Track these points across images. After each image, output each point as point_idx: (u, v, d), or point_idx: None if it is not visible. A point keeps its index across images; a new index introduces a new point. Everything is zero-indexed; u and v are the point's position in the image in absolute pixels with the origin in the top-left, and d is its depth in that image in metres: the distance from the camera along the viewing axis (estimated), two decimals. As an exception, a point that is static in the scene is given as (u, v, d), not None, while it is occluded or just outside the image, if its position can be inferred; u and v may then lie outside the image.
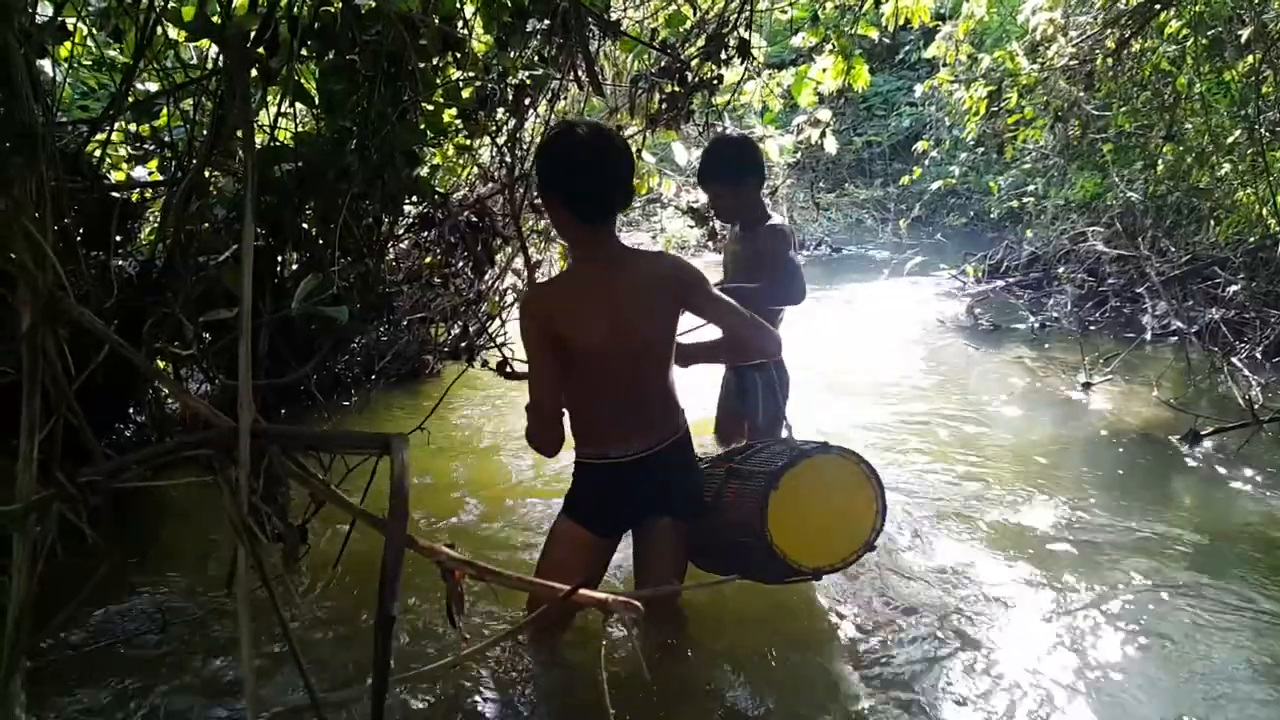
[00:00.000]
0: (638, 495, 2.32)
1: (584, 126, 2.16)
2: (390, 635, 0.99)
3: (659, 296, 2.18)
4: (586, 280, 2.17)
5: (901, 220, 12.32)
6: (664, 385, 2.29)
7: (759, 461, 2.43)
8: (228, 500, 1.08)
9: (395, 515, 1.04)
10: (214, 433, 1.14)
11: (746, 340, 2.31)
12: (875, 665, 2.51)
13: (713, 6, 5.11)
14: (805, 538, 2.28)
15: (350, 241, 3.85)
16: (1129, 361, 5.86)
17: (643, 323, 2.16)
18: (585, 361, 2.14)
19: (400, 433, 1.15)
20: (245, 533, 1.06)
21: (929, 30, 7.61)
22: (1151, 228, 7.50)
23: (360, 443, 1.36)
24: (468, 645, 1.15)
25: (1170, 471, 4.07)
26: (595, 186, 2.08)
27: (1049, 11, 7.16)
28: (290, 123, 3.91)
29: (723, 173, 3.20)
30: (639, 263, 2.20)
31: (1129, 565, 3.08)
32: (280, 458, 1.15)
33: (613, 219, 2.15)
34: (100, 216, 3.34)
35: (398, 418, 4.76)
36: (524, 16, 3.87)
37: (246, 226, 1.16)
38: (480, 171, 5.33)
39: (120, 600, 2.76)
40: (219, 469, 1.12)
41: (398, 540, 1.02)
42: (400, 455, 1.09)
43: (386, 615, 0.98)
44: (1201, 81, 6.76)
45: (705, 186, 3.32)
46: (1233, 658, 2.52)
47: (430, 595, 2.69)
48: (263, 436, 1.13)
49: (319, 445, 1.43)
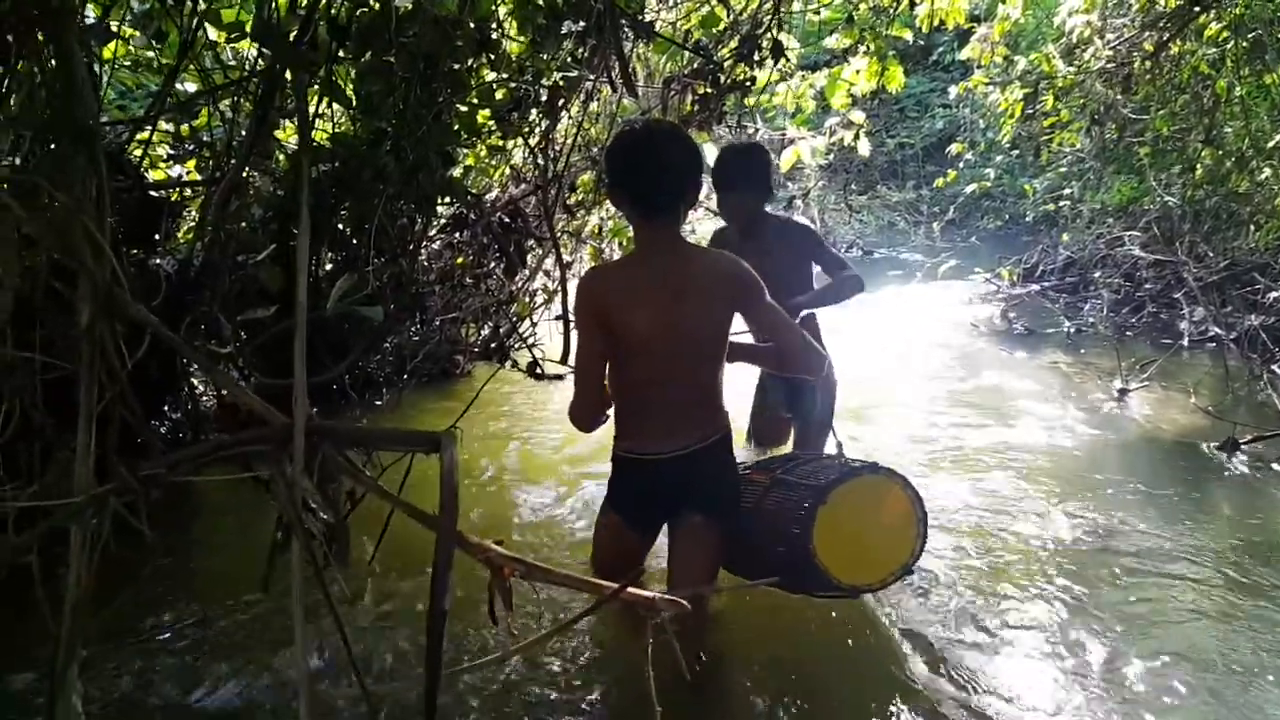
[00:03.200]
0: (673, 493, 2.34)
1: (651, 126, 2.31)
2: (443, 630, 1.00)
3: (715, 295, 2.20)
4: (644, 270, 2.20)
5: (935, 223, 12.25)
6: (711, 384, 2.31)
7: (805, 474, 2.42)
8: (282, 496, 1.09)
9: (446, 512, 1.05)
10: (269, 429, 1.16)
11: (794, 356, 2.33)
12: (905, 674, 2.49)
13: (746, 8, 5.11)
14: (846, 555, 2.27)
15: (385, 242, 3.88)
16: (1166, 368, 5.77)
17: (694, 319, 2.18)
18: (632, 350, 2.19)
19: (450, 430, 1.16)
20: (299, 528, 1.07)
21: (964, 31, 7.55)
22: (1189, 232, 7.40)
23: (409, 440, 1.37)
24: (516, 641, 1.16)
25: (1208, 480, 4.00)
26: (652, 184, 2.15)
27: (1086, 14, 7.10)
28: (327, 123, 3.94)
29: (744, 181, 3.21)
30: (699, 260, 2.23)
31: (1165, 577, 3.03)
32: (333, 454, 1.16)
33: (674, 215, 2.19)
34: (140, 215, 3.39)
35: (429, 417, 4.79)
36: (559, 18, 3.89)
37: (303, 220, 1.18)
38: (513, 172, 5.37)
39: (163, 593, 2.80)
40: (273, 465, 1.13)
41: (449, 537, 1.03)
42: (449, 453, 1.10)
43: (440, 610, 0.99)
44: (1241, 85, 6.65)
45: (730, 193, 3.25)
46: (1270, 672, 2.48)
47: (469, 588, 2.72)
48: (317, 433, 1.14)
49: (370, 443, 1.44)
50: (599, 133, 5.41)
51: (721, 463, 2.38)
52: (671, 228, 2.20)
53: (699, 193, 2.25)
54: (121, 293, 1.21)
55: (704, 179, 2.31)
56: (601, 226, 6.25)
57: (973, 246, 11.40)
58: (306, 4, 3.21)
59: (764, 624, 2.67)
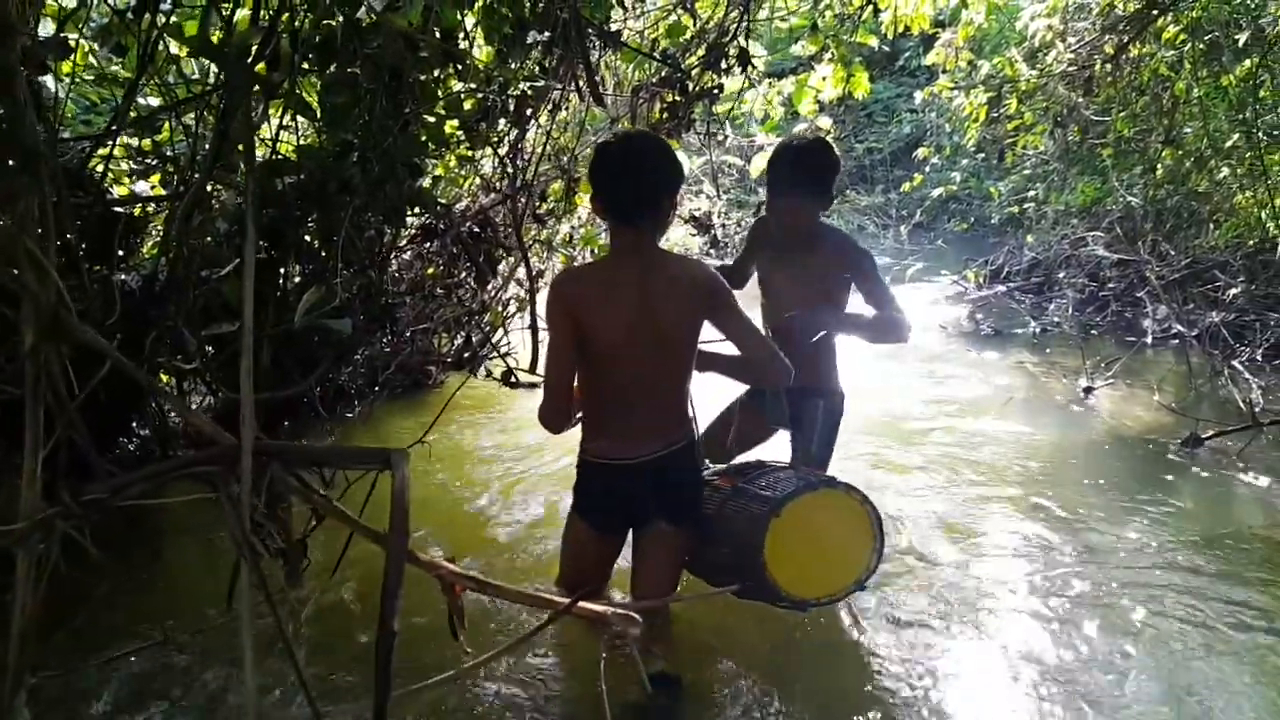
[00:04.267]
0: (639, 499, 2.37)
1: (631, 136, 2.36)
2: (392, 650, 1.00)
3: (686, 301, 2.25)
4: (617, 274, 2.24)
5: (903, 226, 12.35)
6: (679, 391, 2.35)
7: (765, 484, 2.43)
8: (230, 517, 1.09)
9: (396, 530, 1.05)
10: (216, 450, 1.15)
11: (760, 365, 2.34)
12: (874, 673, 2.50)
13: (712, 16, 5.14)
14: (798, 568, 2.28)
15: (353, 253, 3.87)
16: (1130, 365, 5.85)
17: (664, 324, 2.22)
18: (601, 353, 2.22)
19: (401, 447, 1.16)
20: (248, 549, 1.07)
21: (929, 37, 7.63)
22: (1151, 232, 7.51)
23: (361, 458, 1.37)
24: (469, 659, 1.16)
25: (1171, 475, 4.06)
26: (626, 192, 2.21)
27: (1048, 18, 7.19)
28: (292, 136, 3.92)
29: (809, 182, 2.77)
30: (671, 267, 2.27)
31: (1129, 569, 3.08)
32: (282, 474, 1.16)
33: (649, 222, 2.23)
34: (103, 231, 3.35)
35: (401, 429, 4.77)
36: (525, 28, 3.89)
37: (248, 243, 1.17)
38: (482, 182, 5.36)
39: (122, 615, 2.76)
40: (221, 486, 1.13)
41: (399, 555, 1.03)
42: (401, 470, 1.10)
43: (389, 631, 0.98)
44: (1199, 86, 6.78)
45: (785, 199, 2.80)
46: (1233, 663, 2.52)
47: (435, 606, 2.70)
48: (265, 453, 1.14)
49: (321, 461, 1.43)
50: (568, 141, 5.42)
51: (687, 469, 2.42)
52: (646, 235, 2.24)
53: (672, 198, 2.27)
54: (67, 315, 1.21)
55: (678, 186, 2.33)
56: (573, 235, 6.25)
57: (940, 249, 11.48)
58: (268, 17, 3.20)
59: (733, 623, 2.67)
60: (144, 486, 1.18)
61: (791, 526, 2.26)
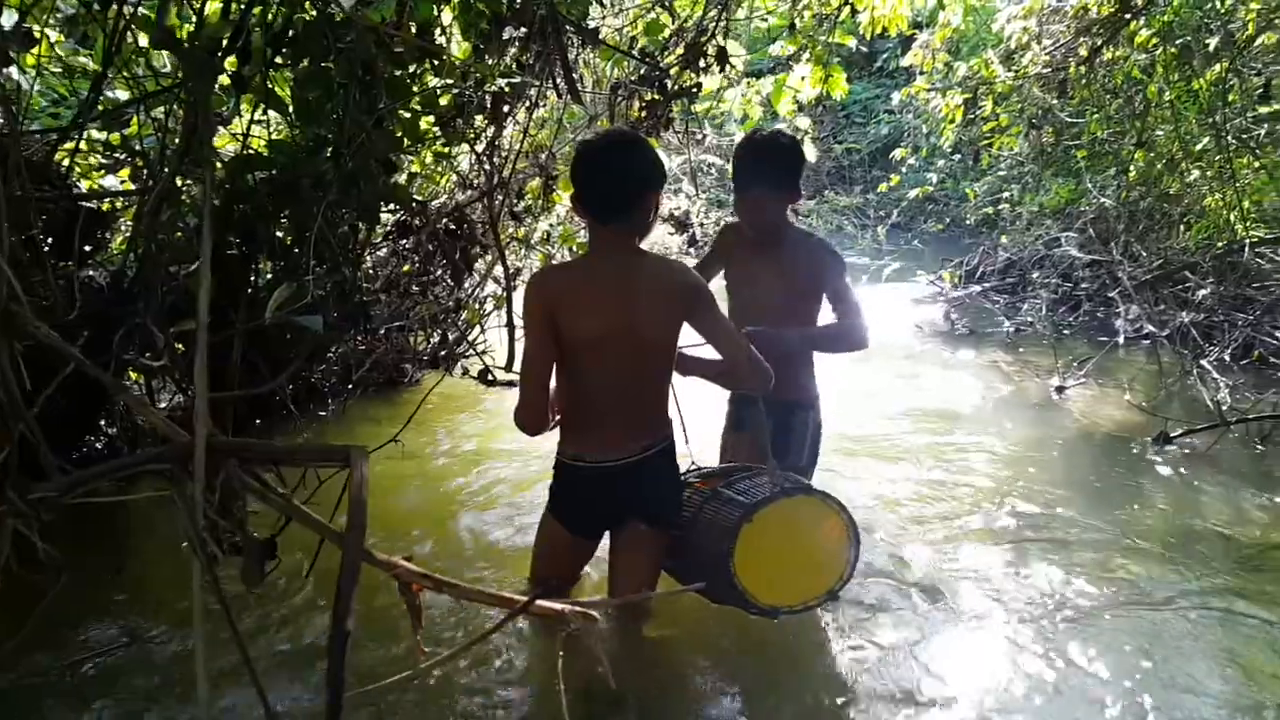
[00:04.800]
0: (614, 501, 2.36)
1: (610, 134, 2.36)
2: (345, 650, 0.98)
3: (663, 302, 2.22)
4: (595, 273, 2.22)
5: (880, 227, 12.42)
6: (657, 392, 2.33)
7: (741, 489, 2.39)
8: (183, 515, 1.07)
9: (352, 528, 1.04)
10: (170, 447, 1.14)
11: (738, 369, 2.32)
12: (846, 673, 2.51)
13: (691, 15, 5.14)
14: (769, 575, 2.26)
15: (326, 250, 3.83)
16: (1102, 365, 5.91)
17: (642, 325, 2.20)
18: (577, 352, 2.20)
19: (361, 445, 1.15)
20: (200, 547, 1.05)
21: (907, 39, 7.68)
22: (1124, 233, 7.59)
23: (321, 456, 1.35)
24: (425, 658, 1.14)
25: (1141, 473, 4.11)
26: (602, 190, 2.20)
27: (1023, 20, 7.25)
28: (264, 130, 3.87)
29: (776, 177, 2.70)
30: (650, 267, 2.25)
31: (1100, 566, 3.11)
32: (237, 472, 1.14)
33: (627, 222, 2.21)
34: (69, 226, 3.31)
35: (376, 428, 4.73)
36: (501, 24, 3.87)
37: (204, 239, 1.16)
38: (460, 179, 5.33)
39: (89, 615, 2.73)
40: (175, 483, 1.11)
41: (354, 554, 1.02)
42: (359, 468, 1.09)
43: (342, 630, 0.97)
44: (1171, 89, 6.86)
45: (750, 192, 2.71)
46: (1198, 658, 2.55)
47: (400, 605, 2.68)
48: (220, 451, 1.12)
49: (278, 459, 1.41)
50: (545, 139, 5.40)
51: (665, 471, 2.39)
52: (625, 234, 2.22)
53: (649, 198, 2.23)
54: (21, 310, 1.19)
55: (657, 187, 2.27)
56: (550, 234, 6.24)
57: (917, 249, 11.57)
58: (239, 10, 3.17)
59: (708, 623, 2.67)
60: (96, 484, 1.16)
61: (764, 533, 2.23)
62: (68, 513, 1.48)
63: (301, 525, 1.24)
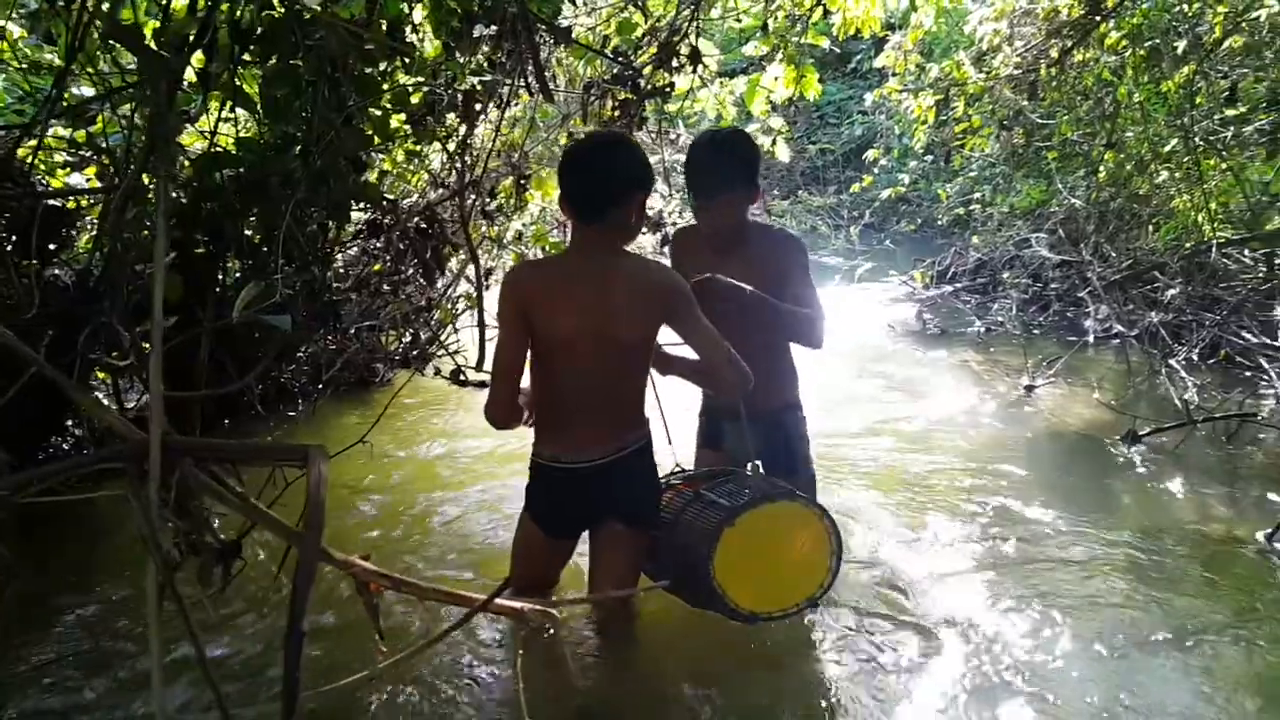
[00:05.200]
0: (592, 502, 2.34)
1: (596, 135, 2.37)
2: (300, 651, 0.97)
3: (642, 303, 2.20)
4: (572, 271, 2.21)
5: (853, 227, 12.49)
6: (633, 392, 2.30)
7: (724, 493, 2.34)
8: (137, 514, 1.05)
9: (309, 527, 1.02)
10: (124, 446, 1.12)
11: (717, 370, 2.28)
12: (819, 671, 2.52)
13: (664, 15, 5.14)
14: (750, 580, 2.22)
15: (295, 248, 3.79)
16: (1071, 364, 5.97)
17: (617, 326, 2.18)
18: (552, 350, 2.19)
19: (320, 444, 1.13)
20: (155, 547, 1.03)
21: (880, 40, 7.71)
22: (1094, 234, 7.68)
23: (278, 455, 1.34)
24: (384, 658, 1.13)
25: (1109, 471, 4.15)
26: (580, 189, 2.19)
27: (994, 22, 7.31)
28: (232, 128, 3.83)
29: (745, 175, 2.54)
30: (629, 266, 2.23)
31: (1068, 564, 3.13)
32: (193, 471, 1.13)
33: (606, 221, 2.18)
34: (31, 224, 3.25)
35: (347, 427, 4.70)
36: (472, 21, 3.85)
37: (159, 238, 1.14)
38: (431, 178, 5.30)
39: (50, 618, 2.69)
40: (128, 483, 1.09)
41: (311, 554, 1.01)
42: (317, 467, 1.08)
43: (298, 631, 0.96)
44: (1140, 91, 6.94)
45: (718, 196, 2.53)
46: (1163, 655, 2.57)
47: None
48: (175, 449, 1.11)
49: (235, 458, 1.39)
50: (518, 138, 5.38)
51: (640, 471, 2.36)
52: (606, 234, 2.20)
53: (632, 200, 2.19)
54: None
55: (641, 189, 2.23)
56: (522, 233, 6.22)
57: (889, 250, 11.65)
58: (205, 6, 3.13)
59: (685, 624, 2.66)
60: (46, 483, 1.14)
61: (746, 537, 2.19)
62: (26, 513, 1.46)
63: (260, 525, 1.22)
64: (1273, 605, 2.87)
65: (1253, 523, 3.46)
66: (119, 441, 1.33)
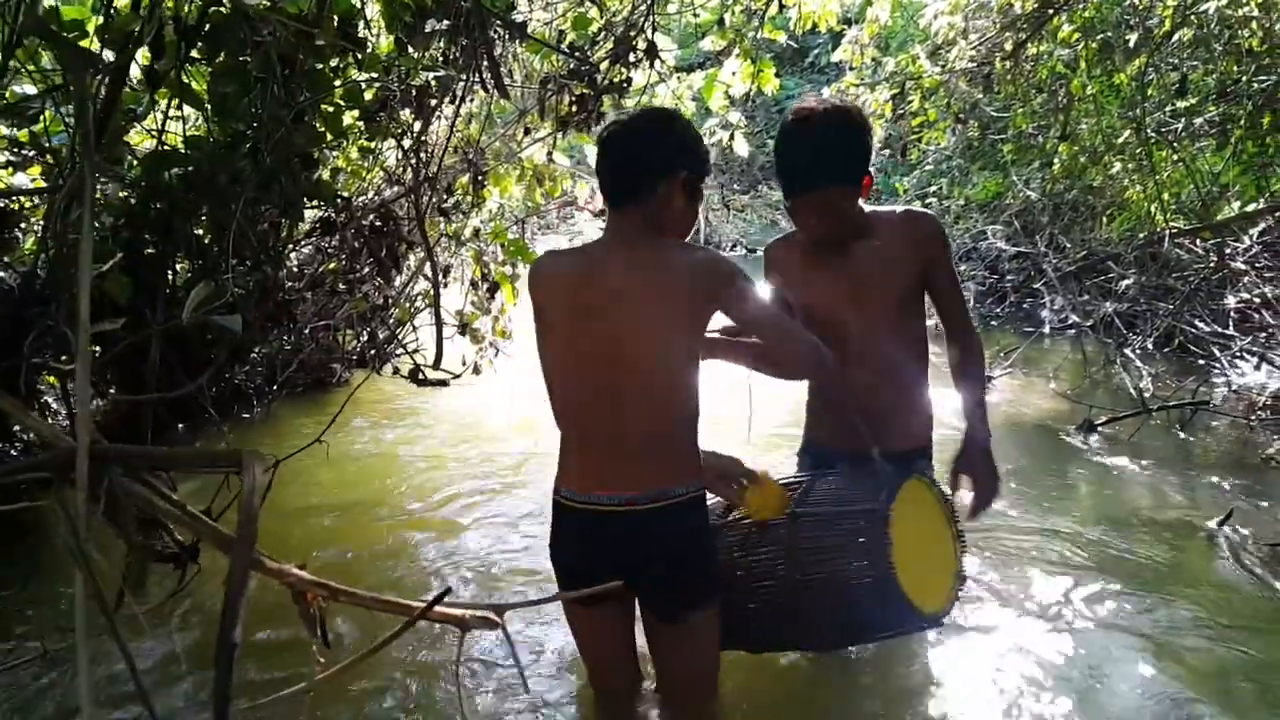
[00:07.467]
0: (614, 558, 1.82)
1: (636, 114, 2.00)
2: (232, 664, 0.94)
3: (670, 298, 1.79)
4: (590, 261, 1.87)
5: (814, 221, 12.54)
6: (664, 418, 1.83)
7: (834, 500, 1.97)
8: (64, 525, 1.02)
9: (242, 534, 0.99)
10: (50, 454, 1.08)
11: (779, 345, 1.87)
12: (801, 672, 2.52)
13: (620, 10, 5.12)
14: (913, 578, 1.81)
15: (246, 247, 3.73)
16: (1028, 355, 6.05)
17: (632, 327, 1.79)
18: (556, 354, 1.88)
19: (254, 449, 1.10)
20: (81, 558, 1.00)
21: (837, 34, 7.75)
22: (1049, 225, 7.79)
23: (213, 460, 1.30)
24: (321, 670, 1.10)
25: (1066, 460, 4.20)
26: (605, 170, 1.92)
27: (949, 16, 7.37)
28: (181, 126, 3.75)
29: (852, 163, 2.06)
30: (657, 256, 1.84)
31: (1025, 553, 3.16)
32: (122, 480, 1.09)
33: (627, 206, 1.89)
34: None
35: (302, 429, 4.63)
36: (425, 16, 3.80)
37: (85, 239, 1.10)
38: (386, 175, 5.24)
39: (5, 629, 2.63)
40: (55, 492, 1.06)
41: (243, 562, 0.98)
42: (251, 472, 1.05)
43: (229, 643, 0.93)
44: (1093, 84, 7.04)
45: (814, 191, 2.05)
46: (1117, 639, 2.61)
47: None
48: (104, 457, 1.07)
49: (167, 464, 1.35)
50: (474, 134, 5.33)
51: (685, 531, 1.84)
52: (633, 219, 1.88)
53: (672, 185, 1.87)
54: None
55: (666, 170, 1.88)
56: (480, 229, 6.16)
57: (851, 243, 11.71)
58: (148, 3, 3.06)
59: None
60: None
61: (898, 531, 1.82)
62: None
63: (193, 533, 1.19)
64: (1221, 589, 2.92)
65: (1206, 511, 3.53)
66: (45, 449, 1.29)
